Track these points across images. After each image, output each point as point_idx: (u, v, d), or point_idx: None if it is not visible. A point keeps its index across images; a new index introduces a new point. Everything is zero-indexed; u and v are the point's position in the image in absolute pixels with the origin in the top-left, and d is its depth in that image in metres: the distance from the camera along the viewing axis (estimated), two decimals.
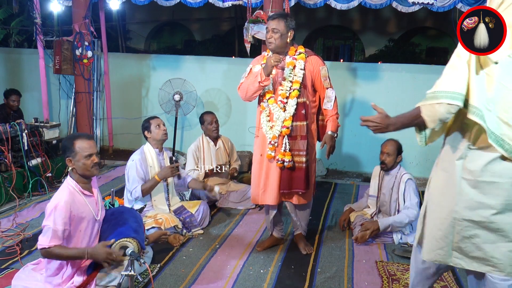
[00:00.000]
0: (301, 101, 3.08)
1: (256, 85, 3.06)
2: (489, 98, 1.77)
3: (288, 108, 3.08)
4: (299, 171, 3.11)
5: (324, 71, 3.11)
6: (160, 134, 3.65)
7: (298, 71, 3.08)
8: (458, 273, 3.12)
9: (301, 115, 3.08)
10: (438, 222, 2.01)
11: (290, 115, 3.07)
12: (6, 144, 4.30)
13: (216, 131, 4.53)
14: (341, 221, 3.88)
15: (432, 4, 4.88)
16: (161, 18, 13.79)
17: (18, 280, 2.60)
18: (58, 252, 2.39)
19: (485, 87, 1.77)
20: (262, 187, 3.21)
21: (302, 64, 3.08)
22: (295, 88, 3.06)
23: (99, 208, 2.64)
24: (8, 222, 3.78)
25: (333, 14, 12.68)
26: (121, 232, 2.56)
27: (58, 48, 5.65)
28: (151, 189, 3.56)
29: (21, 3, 7.38)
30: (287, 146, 3.08)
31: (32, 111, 6.72)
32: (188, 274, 3.00)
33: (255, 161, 3.28)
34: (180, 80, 5.82)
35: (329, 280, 2.98)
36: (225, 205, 4.39)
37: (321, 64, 3.13)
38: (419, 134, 2.01)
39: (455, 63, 1.82)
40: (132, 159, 3.62)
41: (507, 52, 1.75)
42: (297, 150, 3.10)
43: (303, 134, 3.09)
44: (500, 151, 1.79)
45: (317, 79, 3.12)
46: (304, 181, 3.11)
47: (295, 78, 3.07)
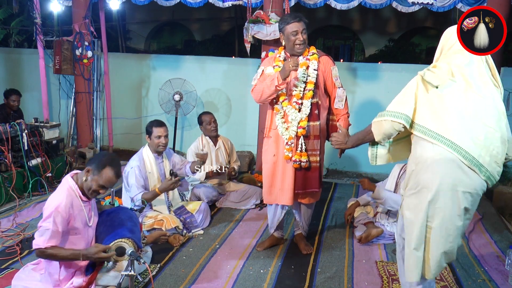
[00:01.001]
0: (314, 101, 3.10)
1: (273, 89, 3.02)
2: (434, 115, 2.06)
3: (304, 109, 3.09)
4: (314, 170, 3.15)
5: (335, 71, 3.14)
6: (157, 145, 3.61)
7: (312, 71, 3.08)
8: (458, 273, 3.12)
9: (314, 115, 3.10)
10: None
11: (306, 116, 3.08)
12: (6, 144, 4.30)
13: (215, 130, 4.53)
14: (346, 215, 3.88)
15: (432, 4, 4.88)
16: (161, 18, 13.78)
17: (18, 280, 2.60)
18: (53, 253, 2.38)
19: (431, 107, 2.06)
20: (279, 186, 3.20)
21: (315, 64, 3.10)
22: (309, 89, 3.07)
23: (92, 215, 2.64)
24: (8, 222, 3.78)
25: (333, 14, 12.67)
26: (117, 233, 2.55)
27: (58, 48, 5.66)
28: (151, 199, 3.54)
29: (21, 3, 7.38)
30: (303, 146, 3.09)
31: (32, 111, 6.72)
32: (188, 274, 3.00)
33: (268, 161, 3.25)
34: (180, 80, 5.82)
35: (329, 280, 2.98)
36: (225, 205, 4.39)
37: (332, 64, 3.16)
38: (370, 150, 2.39)
39: (405, 91, 2.14)
40: (131, 165, 3.58)
41: (447, 77, 2.04)
42: (312, 150, 3.12)
43: (317, 134, 3.12)
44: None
45: (328, 79, 3.14)
46: (318, 180, 3.18)
47: (309, 78, 3.08)
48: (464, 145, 1.98)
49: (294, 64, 2.92)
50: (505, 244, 3.55)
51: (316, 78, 3.09)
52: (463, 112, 2.01)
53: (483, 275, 3.10)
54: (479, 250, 3.50)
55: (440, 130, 2.01)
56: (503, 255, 3.36)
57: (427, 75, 2.06)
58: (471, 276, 3.09)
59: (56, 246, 2.39)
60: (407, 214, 2.15)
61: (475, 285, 2.97)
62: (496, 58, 4.75)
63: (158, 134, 3.60)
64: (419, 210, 2.07)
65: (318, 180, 3.17)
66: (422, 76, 2.09)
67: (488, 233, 3.81)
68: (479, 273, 3.14)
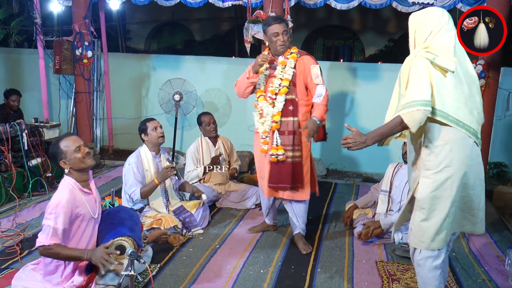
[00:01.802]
0: (290, 97, 3.25)
1: (246, 81, 3.30)
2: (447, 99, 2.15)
3: (277, 104, 3.26)
4: (289, 166, 3.26)
5: (315, 70, 3.23)
6: (157, 137, 3.62)
7: (288, 69, 3.24)
8: (458, 273, 3.12)
9: (288, 111, 3.25)
10: None
11: (279, 111, 3.25)
12: (6, 144, 4.31)
13: (215, 131, 4.53)
14: (344, 217, 3.88)
15: (432, 4, 4.87)
16: (161, 18, 13.78)
17: (18, 280, 2.59)
18: (57, 251, 2.38)
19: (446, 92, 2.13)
20: (262, 178, 3.45)
21: (292, 63, 3.24)
22: (284, 85, 3.24)
23: (97, 206, 2.64)
24: (8, 222, 3.78)
25: (333, 14, 12.67)
26: (117, 232, 2.55)
27: (58, 48, 5.66)
28: (150, 192, 3.55)
29: (21, 3, 7.38)
30: (278, 140, 3.26)
31: (32, 111, 6.72)
32: (188, 274, 3.00)
33: (257, 155, 3.52)
34: (180, 80, 5.82)
35: (329, 280, 2.98)
36: (225, 205, 4.39)
37: (312, 63, 3.25)
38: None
39: (420, 77, 2.14)
40: (128, 162, 3.61)
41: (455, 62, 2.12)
42: (287, 145, 3.26)
43: (291, 129, 3.25)
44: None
45: (309, 77, 3.25)
46: (291, 176, 3.25)
47: (285, 76, 3.25)
48: (473, 125, 2.18)
49: (262, 59, 3.14)
50: (505, 244, 3.55)
51: (292, 76, 3.23)
52: (463, 90, 2.17)
53: (483, 275, 3.10)
54: (479, 250, 3.50)
55: (457, 114, 2.15)
56: (503, 255, 3.36)
57: (440, 61, 2.11)
58: (471, 276, 3.09)
59: (60, 245, 2.39)
60: (427, 193, 2.23)
61: (475, 285, 2.97)
62: (496, 58, 4.79)
63: (153, 126, 3.64)
64: (446, 186, 2.19)
65: (291, 176, 3.24)
66: (431, 61, 2.12)
67: (488, 233, 3.80)
68: (479, 273, 3.14)
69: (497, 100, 5.04)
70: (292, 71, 3.23)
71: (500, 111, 5.55)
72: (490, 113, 4.90)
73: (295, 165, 3.26)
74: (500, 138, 5.71)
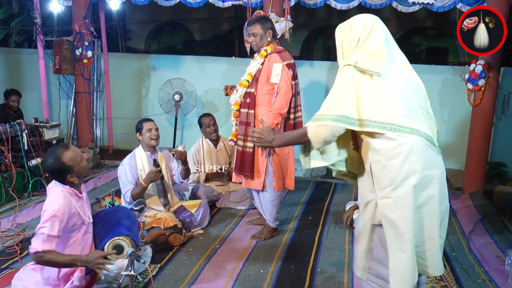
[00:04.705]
0: (249, 91, 3.48)
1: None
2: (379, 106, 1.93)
3: (236, 94, 3.54)
4: (247, 155, 3.49)
5: (276, 68, 3.35)
6: (149, 138, 3.60)
7: (255, 65, 3.47)
8: (458, 273, 3.12)
9: (245, 103, 3.50)
10: None
11: (236, 101, 3.54)
12: (6, 144, 4.31)
13: (215, 133, 4.51)
14: (345, 217, 3.87)
15: (432, 4, 4.87)
16: (161, 18, 13.77)
17: (18, 280, 2.59)
18: (51, 258, 2.31)
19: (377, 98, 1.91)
20: None
21: (259, 60, 3.46)
22: (245, 79, 3.49)
23: (88, 208, 2.61)
24: (8, 222, 3.78)
25: (333, 14, 12.65)
26: (114, 232, 2.54)
27: (58, 48, 5.66)
28: (140, 194, 3.51)
29: (21, 3, 7.38)
30: (233, 127, 3.62)
31: (32, 111, 6.72)
32: (188, 274, 3.00)
33: None
34: (180, 80, 5.82)
35: (329, 280, 2.98)
36: (225, 205, 4.39)
37: (276, 61, 3.36)
38: (303, 156, 2.14)
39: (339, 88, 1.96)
40: (122, 163, 3.61)
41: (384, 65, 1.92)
42: (241, 135, 3.52)
43: (246, 121, 3.49)
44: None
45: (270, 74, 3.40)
46: (239, 163, 3.51)
47: (249, 70, 3.49)
48: (422, 128, 1.93)
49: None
50: (505, 244, 3.55)
51: (256, 71, 3.45)
52: (405, 95, 1.95)
53: (483, 275, 3.10)
54: (479, 250, 3.50)
55: (396, 119, 1.91)
56: (503, 255, 3.36)
57: (363, 64, 1.93)
58: (471, 276, 3.09)
59: (54, 251, 2.33)
60: (390, 216, 1.93)
61: (475, 285, 2.98)
62: (496, 58, 4.78)
63: (148, 127, 3.62)
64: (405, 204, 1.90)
65: (239, 163, 3.51)
66: (355, 66, 1.95)
67: (488, 233, 3.81)
68: (479, 273, 3.14)
69: (497, 100, 5.04)
70: (258, 67, 3.44)
71: (500, 111, 5.55)
72: (490, 113, 4.89)
73: (244, 154, 3.49)
74: (500, 138, 5.71)
